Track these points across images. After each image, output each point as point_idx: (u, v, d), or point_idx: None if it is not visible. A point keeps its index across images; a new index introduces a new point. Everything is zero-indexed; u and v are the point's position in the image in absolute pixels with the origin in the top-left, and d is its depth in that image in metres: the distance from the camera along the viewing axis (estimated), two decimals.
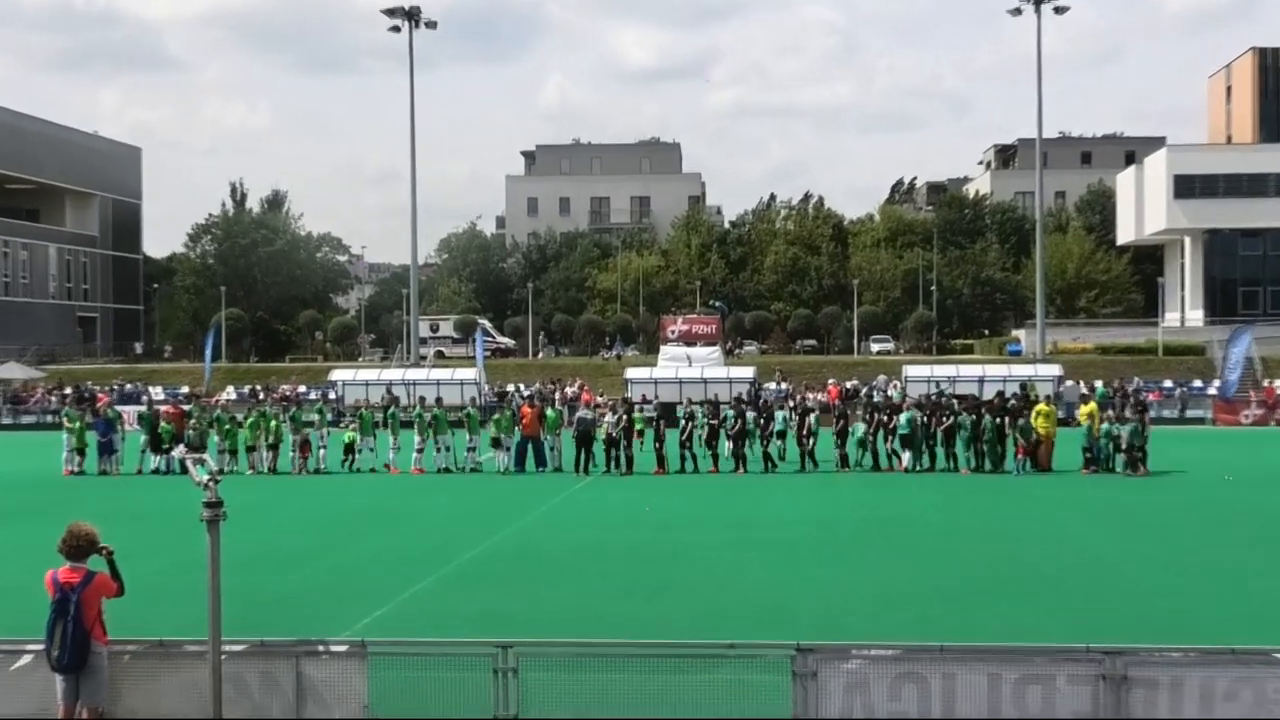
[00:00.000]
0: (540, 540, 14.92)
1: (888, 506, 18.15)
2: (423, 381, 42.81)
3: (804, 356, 64.70)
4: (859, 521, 16.30)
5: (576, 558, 13.48)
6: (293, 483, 23.05)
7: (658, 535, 15.18)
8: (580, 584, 11.90)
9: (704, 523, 16.37)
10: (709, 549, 13.98)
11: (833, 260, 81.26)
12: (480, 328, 63.00)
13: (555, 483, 22.26)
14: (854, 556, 13.42)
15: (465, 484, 22.47)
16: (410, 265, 58.14)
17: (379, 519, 17.18)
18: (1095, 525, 16.13)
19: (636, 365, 50.82)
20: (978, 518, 16.85)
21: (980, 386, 37.28)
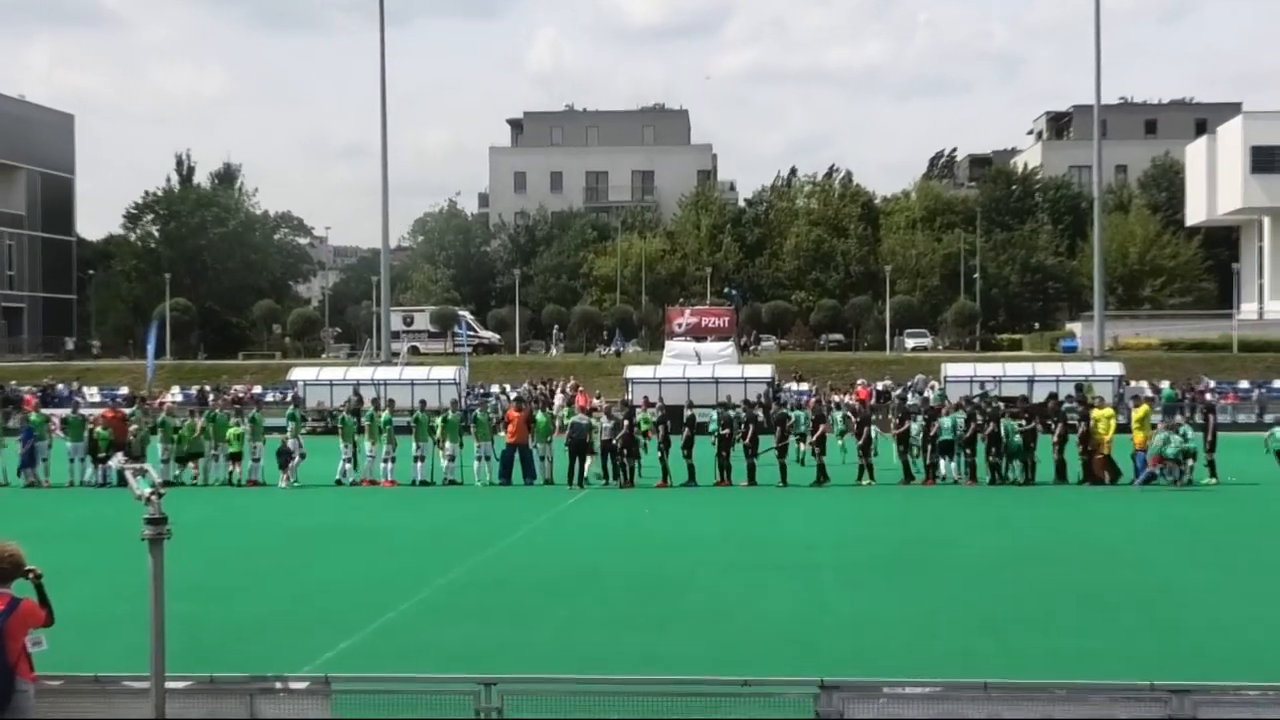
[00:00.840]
0: (528, 562, 14.94)
1: (922, 524, 18.15)
2: (395, 381, 42.85)
3: (829, 353, 64.78)
4: (890, 541, 16.30)
5: (570, 582, 13.49)
6: (246, 497, 23.07)
7: (662, 557, 15.20)
8: (574, 612, 11.91)
9: (714, 543, 16.38)
10: (720, 573, 13.99)
11: (862, 244, 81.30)
12: (460, 320, 63.17)
13: (545, 497, 22.27)
14: (885, 581, 13.43)
15: (443, 498, 22.49)
16: (381, 249, 58.20)
17: (345, 538, 17.21)
18: (1159, 545, 16.14)
19: (638, 363, 50.87)
20: (1025, 537, 16.85)
21: (1030, 388, 37.28)
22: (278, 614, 11.95)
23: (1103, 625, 11.23)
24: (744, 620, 11.50)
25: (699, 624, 11.36)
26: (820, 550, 15.60)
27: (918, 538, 16.67)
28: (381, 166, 55.29)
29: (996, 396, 29.16)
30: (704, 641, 10.66)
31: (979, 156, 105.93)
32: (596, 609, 12.06)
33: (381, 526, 18.47)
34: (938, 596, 12.50)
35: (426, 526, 18.50)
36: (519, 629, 11.18)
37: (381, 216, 55.82)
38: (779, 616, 11.64)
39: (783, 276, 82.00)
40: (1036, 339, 68.59)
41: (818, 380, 48.54)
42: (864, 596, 12.57)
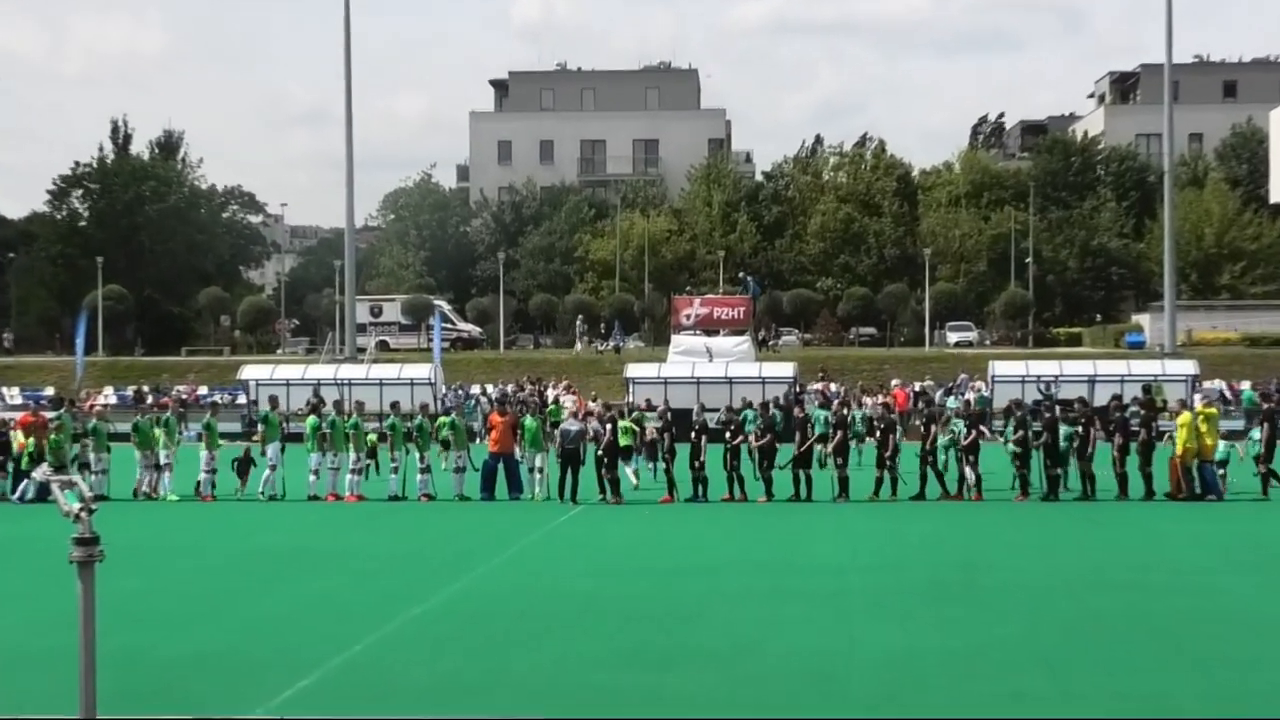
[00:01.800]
0: (514, 588, 14.95)
1: (965, 545, 18.15)
2: (361, 381, 42.90)
3: (860, 350, 64.84)
4: (928, 565, 16.31)
5: (561, 612, 13.49)
6: (193, 514, 23.11)
7: (667, 583, 15.21)
8: (566, 646, 11.92)
9: (727, 567, 16.39)
10: (734, 601, 14.00)
11: (898, 223, 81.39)
12: (436, 311, 63.25)
13: (534, 514, 22.30)
14: (923, 611, 13.43)
15: (417, 516, 22.51)
16: (345, 229, 58.24)
17: (305, 561, 17.22)
18: (1231, 568, 16.14)
19: (640, 361, 50.91)
20: (1083, 560, 16.86)
21: (1090, 389, 37.25)
22: (227, 648, 11.96)
23: (1172, 661, 11.22)
24: (762, 656, 11.51)
25: (710, 661, 11.37)
26: (848, 575, 15.61)
27: (960, 561, 16.67)
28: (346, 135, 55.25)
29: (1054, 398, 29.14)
30: (716, 681, 10.66)
31: (1033, 123, 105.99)
32: (592, 643, 12.06)
33: (346, 548, 18.49)
34: (984, 629, 12.50)
35: (398, 548, 18.52)
36: (502, 666, 11.19)
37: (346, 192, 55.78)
38: (802, 652, 11.64)
39: (806, 261, 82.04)
40: (1098, 333, 68.64)
41: (846, 381, 48.53)
42: (899, 629, 12.57)
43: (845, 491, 23.54)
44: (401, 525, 21.21)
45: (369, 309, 67.73)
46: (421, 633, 12.61)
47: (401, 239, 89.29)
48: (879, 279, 77.71)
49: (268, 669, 11.05)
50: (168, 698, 9.56)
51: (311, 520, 22.08)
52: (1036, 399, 30.10)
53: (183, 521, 22.11)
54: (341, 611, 13.63)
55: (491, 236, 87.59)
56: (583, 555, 17.70)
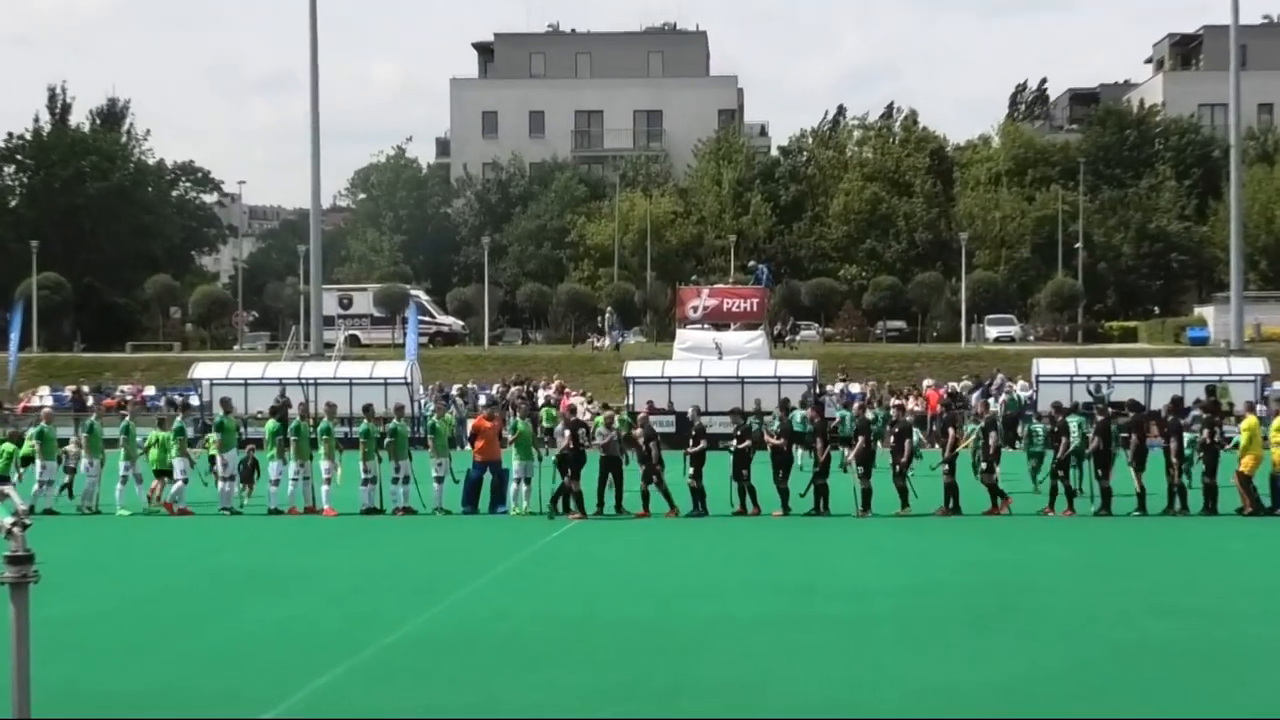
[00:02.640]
0: (498, 613, 14.96)
1: (1005, 565, 18.17)
2: (329, 381, 42.91)
3: (888, 346, 64.91)
4: (964, 587, 16.32)
5: (552, 639, 13.52)
6: (141, 529, 23.15)
7: (671, 608, 15.23)
8: (556, 679, 11.93)
9: (737, 590, 16.40)
10: (745, 629, 14.01)
11: (931, 204, 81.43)
12: (413, 302, 63.29)
13: (522, 529, 22.33)
14: (959, 639, 13.45)
15: (393, 531, 22.53)
16: (310, 210, 58.28)
17: (264, 583, 17.24)
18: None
19: (641, 358, 50.93)
20: (1137, 582, 16.87)
21: (1146, 390, 37.26)
22: (175, 682, 11.97)
23: (1237, 696, 11.22)
24: (777, 690, 11.52)
25: (718, 696, 11.37)
26: (874, 599, 15.62)
27: (998, 582, 16.69)
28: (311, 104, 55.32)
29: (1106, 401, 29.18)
30: (725, 714, 10.66)
31: (1082, 91, 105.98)
32: (585, 675, 12.07)
33: (312, 568, 18.52)
34: (1026, 659, 12.51)
35: (369, 568, 18.54)
36: (486, 700, 11.20)
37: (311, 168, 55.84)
38: (823, 685, 11.65)
39: (828, 246, 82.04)
40: (1155, 328, 68.64)
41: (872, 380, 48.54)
42: (932, 660, 12.59)
43: (868, 504, 23.56)
44: (374, 542, 21.23)
45: (337, 300, 67.80)
46: (395, 663, 12.62)
47: (374, 221, 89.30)
48: (909, 266, 77.73)
49: (222, 704, 11.07)
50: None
51: (273, 537, 22.10)
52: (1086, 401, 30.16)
53: (131, 538, 22.13)
54: (305, 640, 13.64)
55: (475, 219, 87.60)
56: (575, 576, 17.72)
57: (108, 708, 10.91)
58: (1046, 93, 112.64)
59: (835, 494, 23.87)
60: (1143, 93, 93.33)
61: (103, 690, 11.55)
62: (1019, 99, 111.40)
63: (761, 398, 35.16)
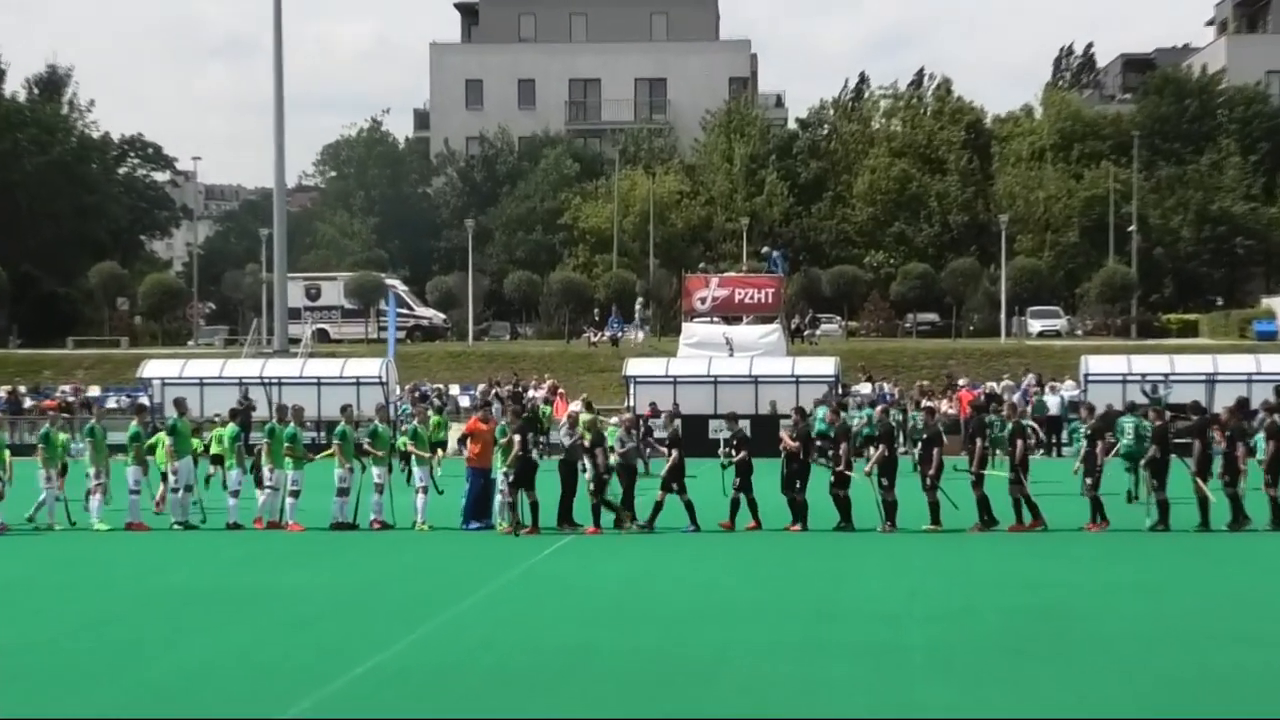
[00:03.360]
0: (484, 641, 14.94)
1: (1046, 587, 18.14)
2: (294, 380, 42.91)
3: (918, 341, 64.94)
4: (1002, 611, 16.31)
5: (544, 670, 13.49)
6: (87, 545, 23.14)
7: (678, 633, 15.21)
8: (550, 712, 11.92)
9: (751, 613, 16.39)
10: (761, 656, 13.99)
11: (966, 182, 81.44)
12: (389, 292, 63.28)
13: (512, 545, 22.32)
14: (997, 669, 13.43)
15: (369, 548, 22.52)
16: (274, 189, 58.23)
17: (222, 605, 17.21)
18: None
19: (643, 355, 50.94)
20: (1198, 605, 16.85)
21: (1209, 391, 37.24)
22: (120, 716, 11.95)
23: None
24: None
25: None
26: (903, 624, 15.60)
27: (1041, 606, 16.66)
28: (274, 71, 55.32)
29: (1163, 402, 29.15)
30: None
31: (1136, 57, 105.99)
32: (582, 708, 12.05)
33: (276, 588, 18.49)
34: (1075, 691, 12.49)
35: (341, 589, 18.52)
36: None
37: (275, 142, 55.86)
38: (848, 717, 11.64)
39: (852, 230, 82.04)
40: (1218, 321, 68.60)
41: (901, 380, 48.54)
42: (969, 692, 12.57)
43: (893, 518, 23.55)
44: (345, 560, 21.21)
45: (304, 290, 67.82)
46: (365, 699, 12.58)
47: (345, 202, 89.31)
48: (942, 252, 77.71)
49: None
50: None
51: (234, 553, 22.07)
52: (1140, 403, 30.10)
53: (75, 555, 22.10)
54: (267, 670, 13.61)
55: (457, 199, 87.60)
56: (569, 599, 17.68)
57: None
58: (1095, 58, 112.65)
59: (858, 507, 23.85)
60: (1204, 58, 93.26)
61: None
62: (1064, 65, 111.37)
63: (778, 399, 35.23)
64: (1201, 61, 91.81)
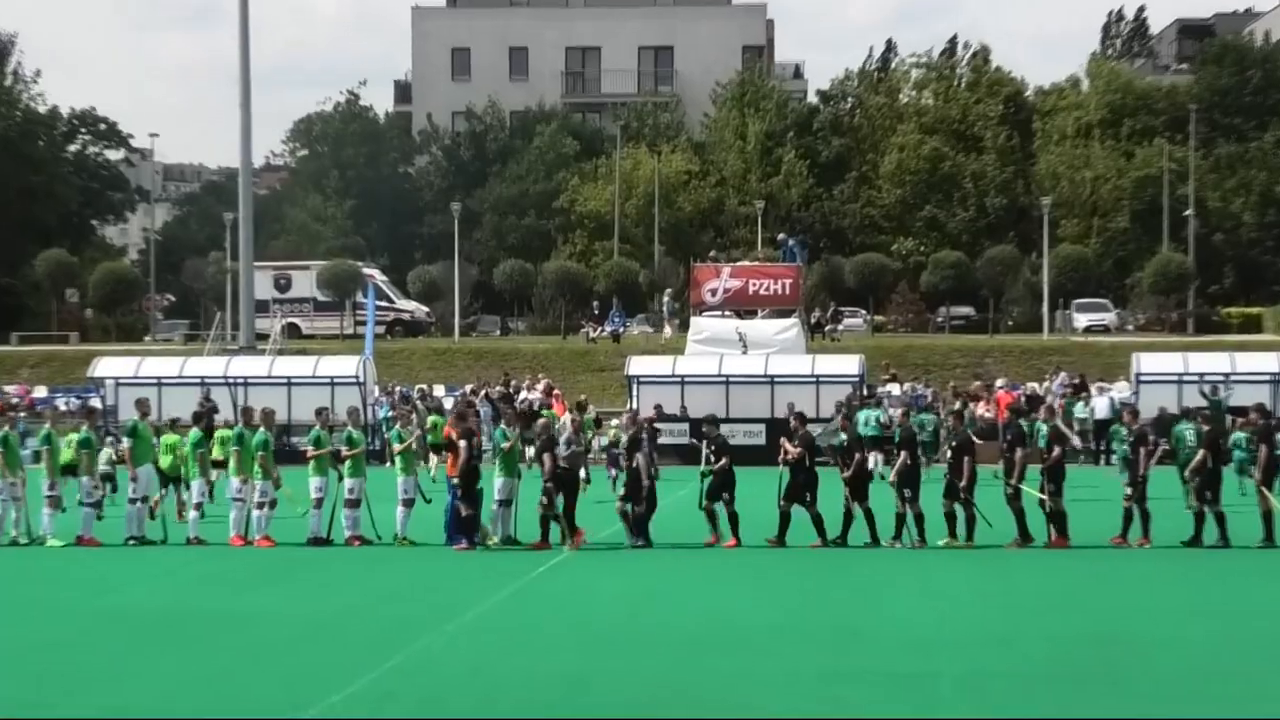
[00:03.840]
0: (471, 669, 14.95)
1: (1092, 609, 18.12)
2: (261, 380, 42.88)
3: (952, 337, 64.85)
4: (1046, 637, 16.29)
5: (538, 702, 13.49)
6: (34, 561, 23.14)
7: (683, 662, 15.21)
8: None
9: (765, 639, 16.38)
10: (775, 688, 13.99)
11: (1005, 161, 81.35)
12: (367, 283, 63.21)
13: (501, 563, 22.32)
14: (1043, 701, 13.41)
15: (344, 566, 22.52)
16: (239, 169, 58.24)
17: (182, 628, 17.21)
18: None
19: (647, 353, 50.90)
20: (1265, 630, 16.84)
21: (1275, 391, 37.23)
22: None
23: None
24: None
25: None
26: (936, 652, 15.59)
27: (1088, 631, 16.63)
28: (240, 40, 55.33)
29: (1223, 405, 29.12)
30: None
31: (1193, 23, 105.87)
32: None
33: (242, 610, 18.48)
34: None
35: (314, 611, 18.51)
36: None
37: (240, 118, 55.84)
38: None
39: (878, 215, 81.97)
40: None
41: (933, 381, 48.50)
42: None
43: (921, 533, 23.58)
44: (319, 579, 21.19)
45: (273, 280, 67.72)
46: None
47: (318, 183, 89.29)
48: (978, 239, 77.62)
49: None
50: None
51: (194, 572, 22.04)
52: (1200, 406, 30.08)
53: (20, 572, 22.09)
54: (231, 699, 13.60)
55: (442, 180, 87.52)
56: (565, 622, 17.67)
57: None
58: (1147, 24, 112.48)
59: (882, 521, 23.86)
60: (1268, 23, 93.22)
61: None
62: (1113, 32, 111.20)
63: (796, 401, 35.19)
64: (1265, 28, 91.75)
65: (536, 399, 43.11)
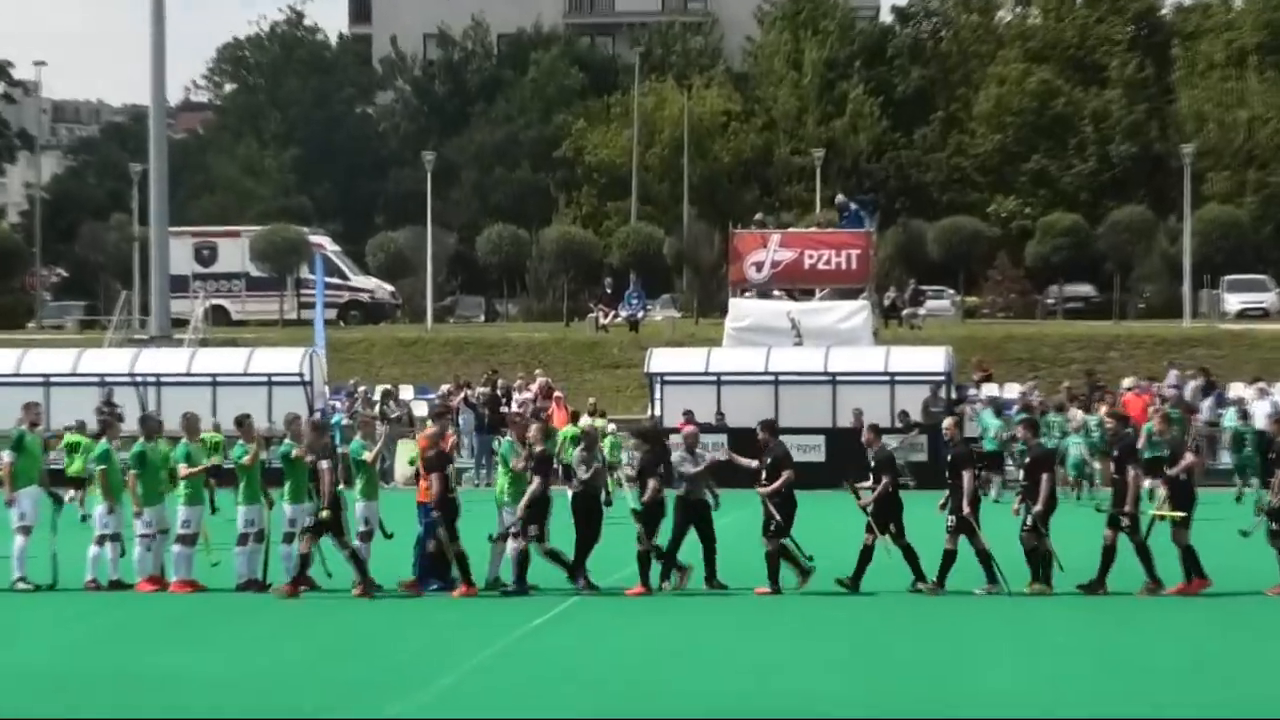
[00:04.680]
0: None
1: (1261, 677, 18.18)
2: (179, 378, 42.97)
3: (1065, 325, 64.71)
4: (1186, 705, 16.34)
5: None
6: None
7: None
8: None
9: (821, 706, 16.39)
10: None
11: (1135, 98, 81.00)
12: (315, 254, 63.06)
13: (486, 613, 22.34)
14: None
15: (285, 616, 22.56)
16: (151, 109, 58.32)
17: (80, 695, 17.26)
18: None
19: (673, 344, 50.91)
20: None
21: None
22: None
23: None
24: None
25: None
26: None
27: (1248, 701, 16.67)
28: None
29: None
30: None
31: None
32: None
33: (153, 673, 18.49)
34: None
35: (246, 673, 18.55)
36: None
37: (152, 44, 55.90)
38: None
39: (971, 167, 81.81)
40: None
41: (1040, 380, 48.40)
42: None
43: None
44: (252, 634, 21.18)
45: (194, 250, 67.79)
46: None
47: (252, 126, 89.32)
48: (1100, 198, 77.45)
49: None
50: None
51: (97, 624, 22.05)
52: None
53: None
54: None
55: (411, 123, 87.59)
56: (564, 687, 17.65)
57: None
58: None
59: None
60: None
61: None
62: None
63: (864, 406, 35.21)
64: None
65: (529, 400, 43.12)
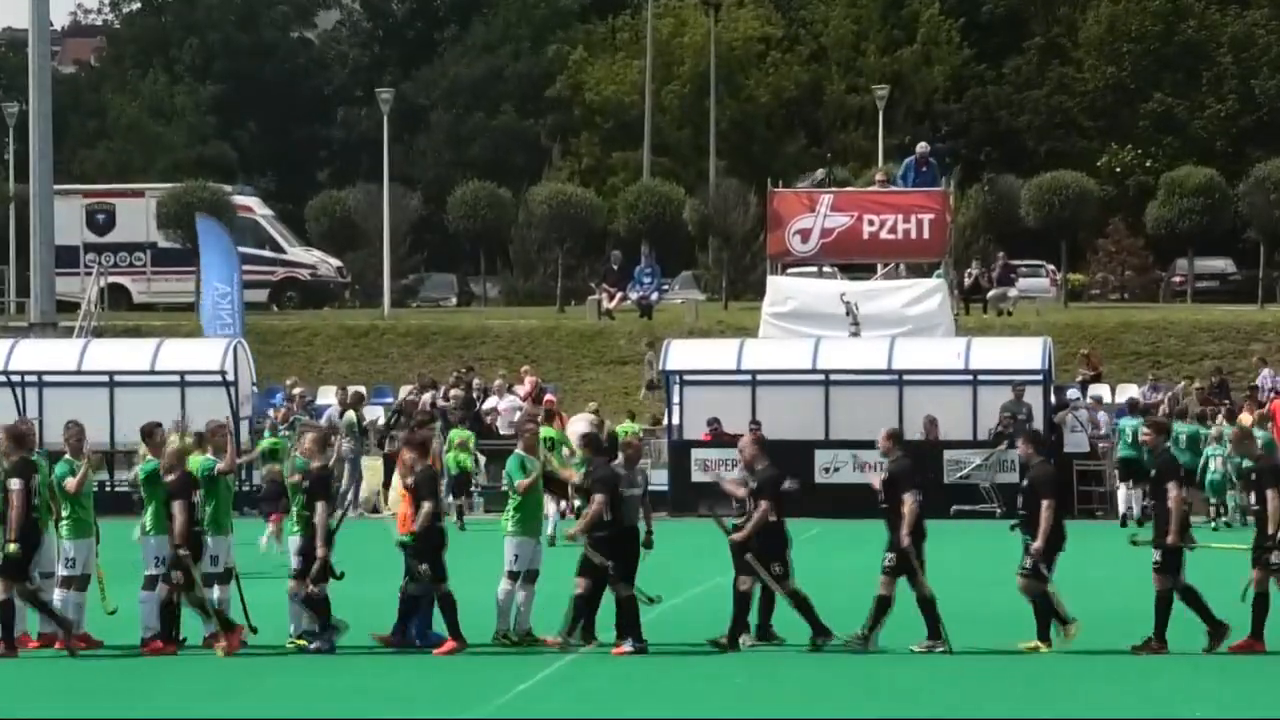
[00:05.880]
0: None
1: None
2: (66, 377, 43.20)
3: (1198, 309, 64.76)
4: None
5: None
6: None
7: None
8: None
9: None
10: None
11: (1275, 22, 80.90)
12: (238, 218, 63.02)
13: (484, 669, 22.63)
14: None
15: (206, 676, 22.79)
16: (30, 35, 58.64)
17: None
18: None
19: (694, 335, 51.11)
20: None
21: None
22: None
23: None
24: None
25: None
26: None
27: None
28: None
29: None
30: None
31: None
32: None
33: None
34: None
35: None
36: None
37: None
38: None
39: (1076, 109, 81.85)
40: None
41: (1163, 378, 48.57)
42: None
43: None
44: (164, 702, 21.36)
45: (85, 213, 67.92)
46: None
47: (161, 57, 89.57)
48: (1240, 148, 77.54)
49: None
50: None
51: None
52: None
53: None
54: None
55: (363, 53, 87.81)
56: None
57: None
58: None
59: None
60: None
61: None
62: None
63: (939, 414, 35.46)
64: None
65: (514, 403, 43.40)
